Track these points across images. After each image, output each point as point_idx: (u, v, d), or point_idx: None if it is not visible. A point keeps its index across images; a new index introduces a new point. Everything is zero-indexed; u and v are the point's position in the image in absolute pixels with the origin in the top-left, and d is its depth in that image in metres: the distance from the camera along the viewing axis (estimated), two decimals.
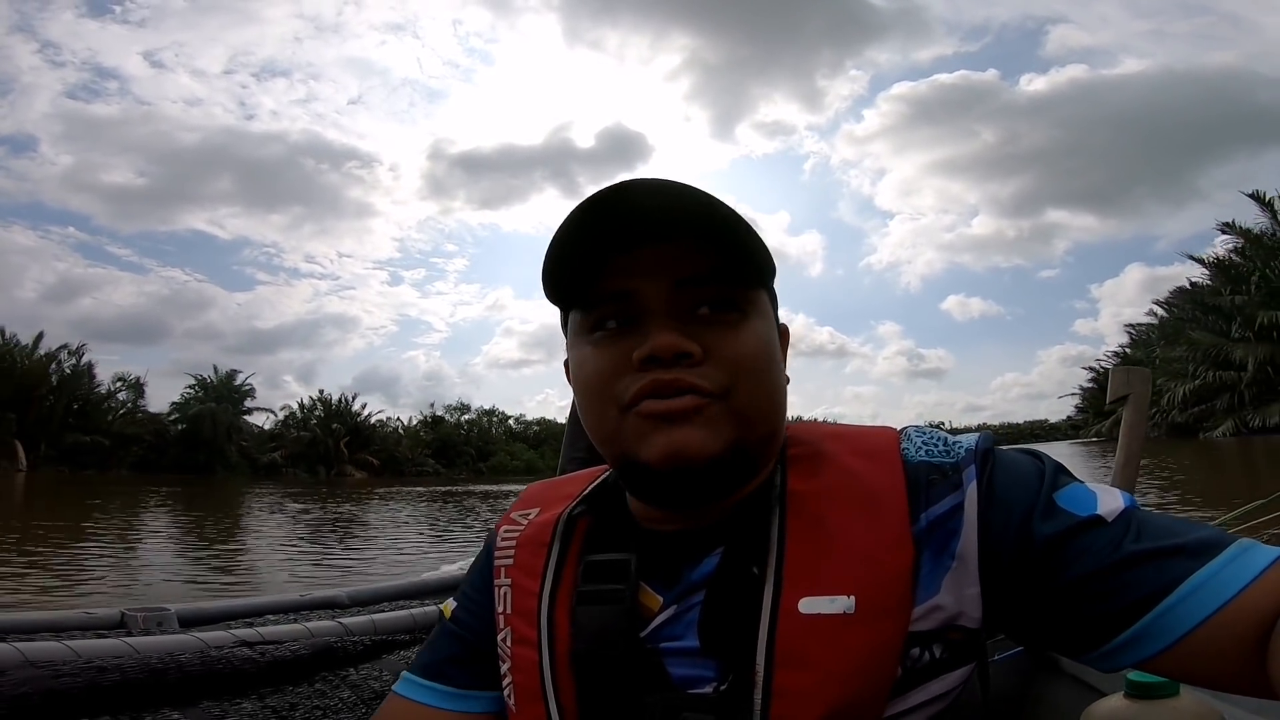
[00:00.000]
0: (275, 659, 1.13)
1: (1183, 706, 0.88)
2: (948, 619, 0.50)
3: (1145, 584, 0.45)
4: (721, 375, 0.51)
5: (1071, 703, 1.27)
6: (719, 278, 0.53)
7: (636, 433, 0.51)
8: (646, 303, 0.52)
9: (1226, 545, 0.45)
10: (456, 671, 0.63)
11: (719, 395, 0.51)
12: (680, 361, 0.50)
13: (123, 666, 1.01)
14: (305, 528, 13.19)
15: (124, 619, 1.48)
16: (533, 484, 0.70)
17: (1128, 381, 1.59)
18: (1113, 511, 0.48)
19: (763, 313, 0.55)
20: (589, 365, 0.54)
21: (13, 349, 33.51)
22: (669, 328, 0.51)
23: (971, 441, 0.53)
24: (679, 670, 0.52)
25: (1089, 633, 0.47)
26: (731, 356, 0.51)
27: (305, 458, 40.61)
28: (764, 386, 0.53)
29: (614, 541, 0.58)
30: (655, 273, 0.52)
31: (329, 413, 43.25)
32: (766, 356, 0.53)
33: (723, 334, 0.52)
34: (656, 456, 0.50)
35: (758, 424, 0.53)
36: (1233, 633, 0.43)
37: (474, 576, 0.67)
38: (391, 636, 1.39)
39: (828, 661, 0.48)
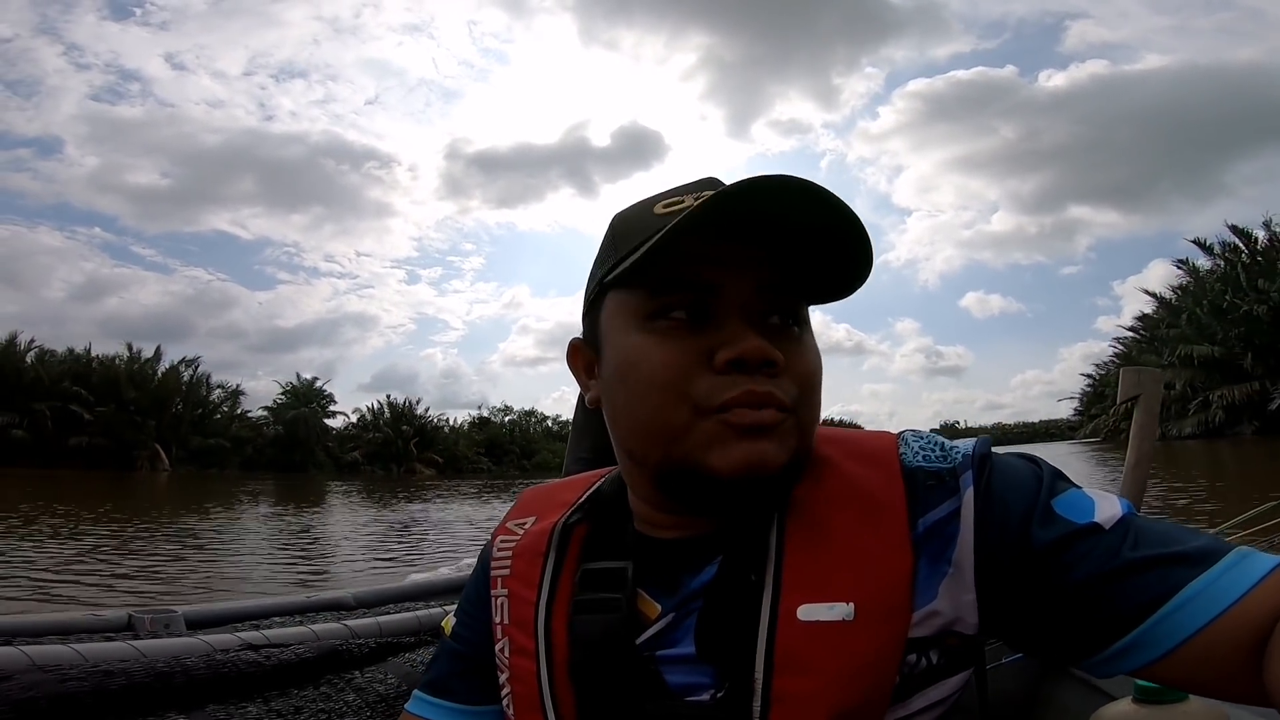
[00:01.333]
0: (280, 662, 1.13)
1: (1192, 712, 0.87)
2: (945, 625, 0.50)
3: (1143, 591, 0.45)
4: (794, 389, 0.51)
5: (1079, 706, 1.26)
6: (796, 289, 0.53)
7: (713, 438, 0.50)
8: (728, 300, 0.51)
9: (1225, 553, 0.45)
10: (461, 687, 0.64)
11: (790, 409, 0.51)
12: (763, 369, 0.50)
13: (129, 670, 1.01)
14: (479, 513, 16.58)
15: (131, 621, 1.49)
16: (527, 490, 0.70)
17: (1138, 382, 1.58)
18: (1110, 519, 0.48)
19: (809, 327, 0.56)
20: (655, 356, 0.51)
21: (141, 363, 38.01)
22: (753, 331, 0.50)
23: (969, 446, 0.53)
24: (676, 678, 0.52)
25: (1086, 640, 0.47)
26: (804, 371, 0.52)
27: (380, 456, 45.00)
28: (818, 401, 0.54)
29: (611, 549, 0.58)
30: (743, 270, 0.51)
31: (395, 415, 47.28)
32: (821, 370, 0.55)
33: (794, 346, 0.52)
34: (733, 466, 0.49)
35: (811, 437, 0.54)
36: (1230, 641, 0.43)
37: (470, 590, 0.67)
38: (397, 639, 1.39)
39: (827, 668, 0.48)
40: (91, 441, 34.71)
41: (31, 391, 35.00)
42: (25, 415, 34.15)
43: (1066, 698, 1.32)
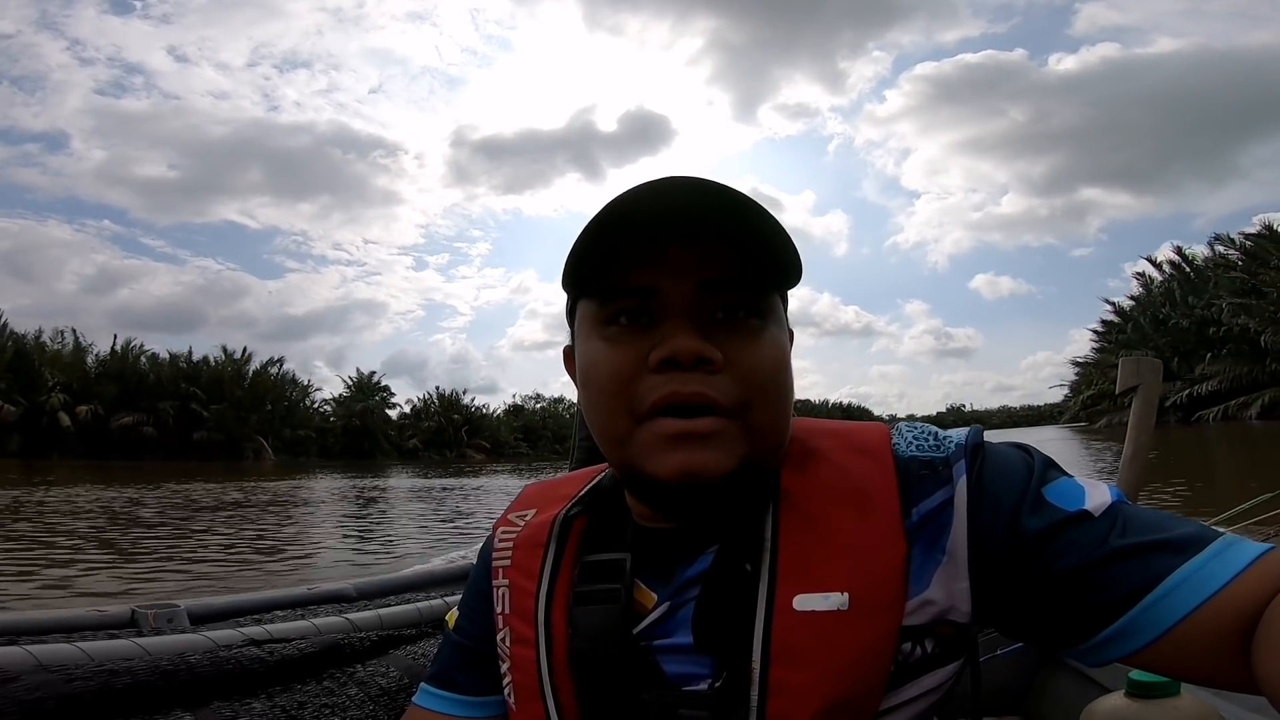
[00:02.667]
0: (283, 658, 1.14)
1: (1183, 706, 0.89)
2: (939, 614, 0.51)
3: (1130, 579, 0.45)
4: (738, 388, 0.51)
5: (1073, 695, 1.28)
6: (744, 283, 0.52)
7: (649, 446, 0.51)
8: (668, 301, 0.52)
9: (1211, 541, 0.46)
10: (465, 679, 0.66)
11: (735, 411, 0.50)
12: (699, 367, 0.50)
13: (134, 669, 1.02)
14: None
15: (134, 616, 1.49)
16: (530, 485, 0.71)
17: (1137, 372, 1.58)
18: (1100, 506, 0.49)
19: (779, 320, 0.55)
20: (601, 361, 0.53)
21: (236, 362, 42.08)
22: (689, 330, 0.51)
23: (961, 436, 0.54)
24: (673, 668, 0.53)
25: (1075, 627, 0.48)
26: (750, 369, 0.51)
27: (435, 443, 49.65)
28: (778, 400, 0.52)
29: (610, 541, 0.59)
30: (681, 271, 0.52)
31: (445, 405, 52.17)
32: (782, 367, 0.53)
33: (743, 342, 0.51)
34: (670, 474, 0.51)
35: (770, 439, 0.53)
36: (1216, 628, 0.43)
37: (472, 582, 0.69)
38: (398, 631, 1.40)
39: (823, 658, 0.49)
40: (209, 436, 38.90)
41: (152, 393, 39.04)
42: (152, 414, 38.15)
43: (1060, 688, 1.34)
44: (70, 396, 36.38)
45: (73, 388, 37.15)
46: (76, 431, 35.76)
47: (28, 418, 34.84)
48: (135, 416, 37.89)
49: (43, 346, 38.15)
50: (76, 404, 36.31)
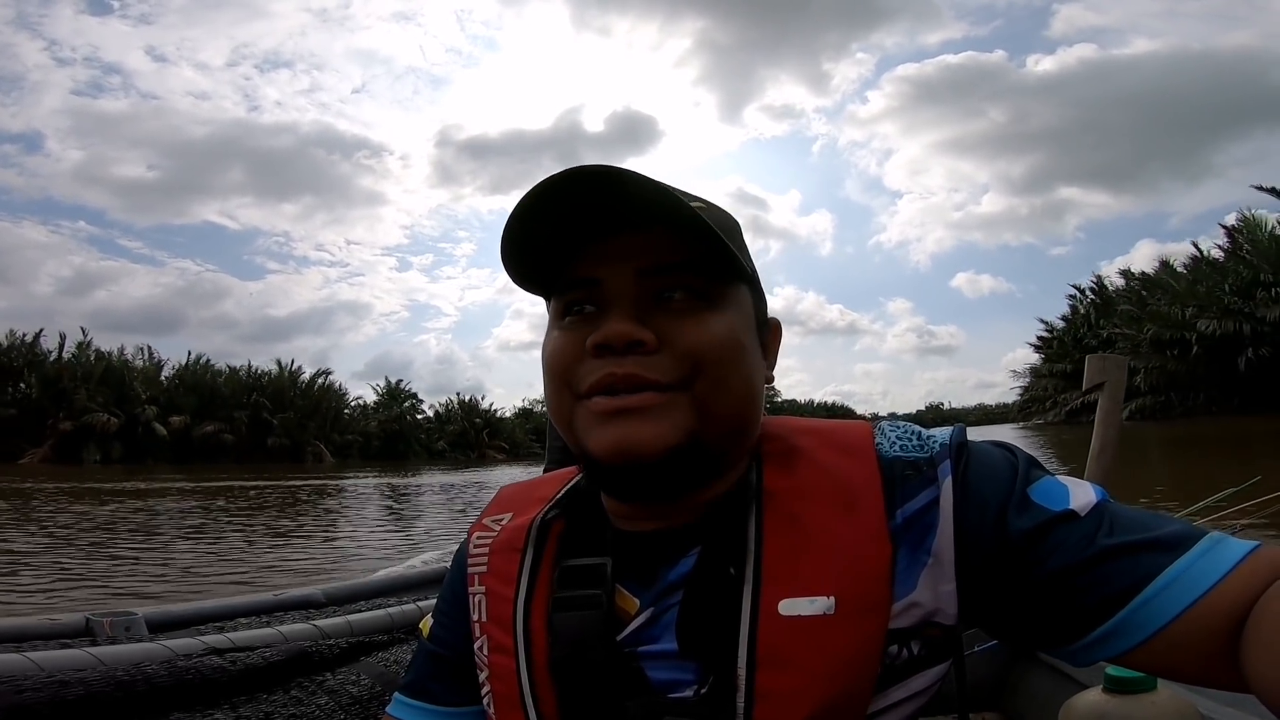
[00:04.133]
0: (247, 666, 1.10)
1: (1160, 701, 0.90)
2: (925, 616, 0.50)
3: (1119, 579, 0.45)
4: (678, 365, 0.50)
5: (1048, 691, 1.30)
6: (686, 268, 0.51)
7: (586, 424, 0.51)
8: (610, 290, 0.52)
9: (1198, 539, 0.45)
10: (440, 689, 0.63)
11: (678, 386, 0.50)
12: (634, 350, 0.50)
13: (87, 680, 0.97)
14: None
15: (89, 625, 1.43)
16: (505, 487, 0.69)
17: (1103, 369, 1.60)
18: (1085, 505, 0.48)
19: (736, 306, 0.54)
20: (552, 350, 0.54)
21: (293, 374, 47.93)
22: (625, 315, 0.51)
23: (945, 435, 0.53)
24: (658, 674, 0.51)
25: (1064, 628, 0.47)
26: (690, 345, 0.50)
27: (459, 445, 54.27)
28: (731, 378, 0.52)
29: (589, 545, 0.57)
30: (622, 260, 0.52)
31: (466, 410, 57.51)
32: (732, 346, 0.52)
33: (682, 322, 0.51)
34: (604, 450, 0.50)
35: (721, 417, 0.51)
36: (1206, 627, 0.43)
37: (447, 590, 0.66)
38: (369, 638, 1.36)
39: (810, 663, 0.48)
40: (278, 441, 43.76)
41: (227, 403, 43.77)
42: (228, 423, 42.77)
43: (1036, 684, 1.35)
44: (158, 408, 40.88)
45: (159, 400, 41.58)
46: (170, 440, 40.24)
47: (126, 428, 38.96)
48: (216, 425, 42.26)
49: (126, 362, 42.46)
50: (160, 415, 40.78)
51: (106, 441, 37.84)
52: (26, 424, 36.96)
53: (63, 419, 36.99)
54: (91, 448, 37.06)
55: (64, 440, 36.97)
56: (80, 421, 37.14)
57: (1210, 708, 0.93)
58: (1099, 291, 42.74)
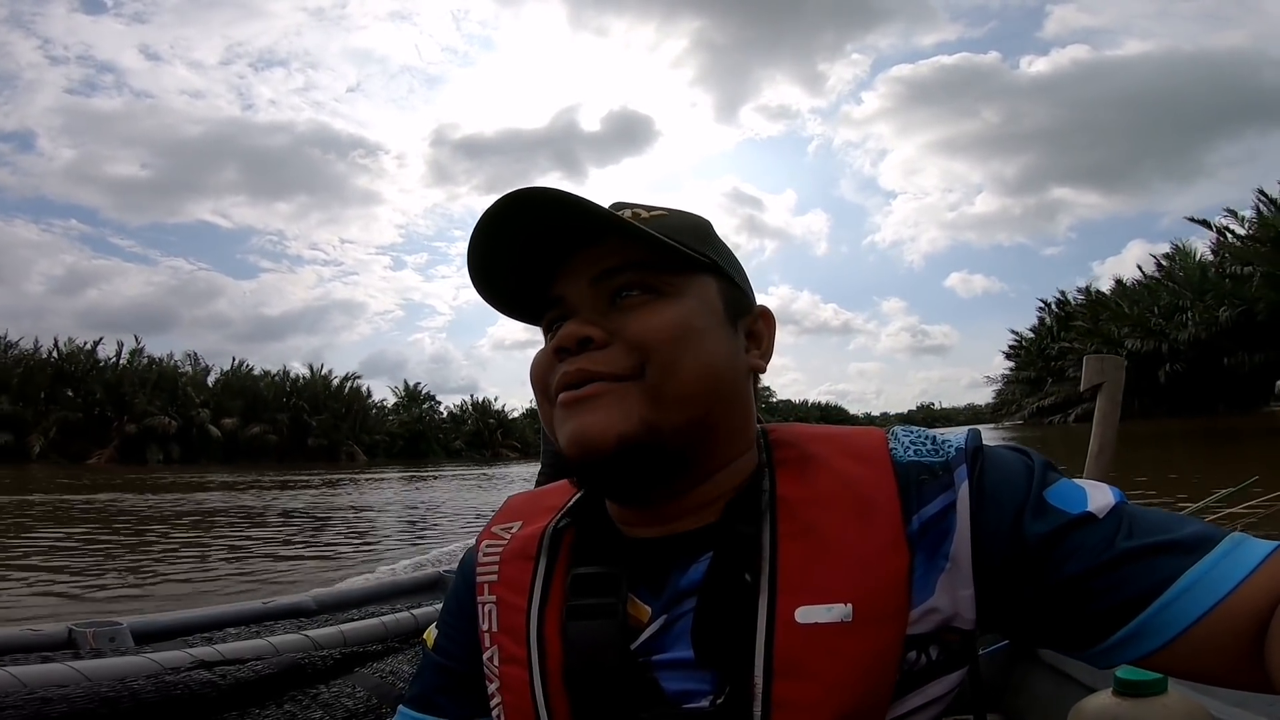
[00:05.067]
0: (238, 680, 1.06)
1: (1171, 704, 0.89)
2: (943, 621, 0.49)
3: (1140, 581, 0.45)
4: (627, 355, 0.51)
5: (1051, 694, 1.29)
6: (635, 266, 0.53)
7: (557, 423, 0.53)
8: (571, 303, 0.54)
9: (1219, 540, 0.45)
10: (446, 702, 0.62)
11: (628, 376, 0.51)
12: (585, 348, 0.52)
13: (70, 696, 0.94)
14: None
15: (72, 636, 1.39)
16: (513, 496, 0.68)
17: (1102, 369, 1.60)
18: (1104, 508, 0.48)
19: (696, 294, 0.55)
20: (533, 363, 0.56)
21: (325, 379, 51.19)
22: (575, 319, 0.53)
23: (960, 440, 0.53)
24: (672, 684, 0.50)
25: (1085, 631, 0.47)
26: (636, 334, 0.52)
27: (474, 444, 57.15)
28: (683, 363, 0.52)
29: (600, 553, 0.56)
30: (578, 274, 0.54)
31: (480, 411, 60.63)
32: (685, 332, 0.52)
33: (631, 314, 0.53)
34: (565, 443, 0.52)
35: (677, 401, 0.51)
36: (1229, 628, 0.43)
37: (452, 599, 0.65)
38: (363, 648, 1.33)
39: (828, 672, 0.47)
40: (317, 442, 46.66)
41: (269, 406, 46.98)
42: (271, 424, 45.90)
43: (1039, 686, 1.34)
44: (210, 411, 43.62)
45: (210, 404, 44.31)
46: (223, 441, 43.00)
47: (182, 430, 41.95)
48: (261, 427, 45.40)
49: (175, 368, 45.81)
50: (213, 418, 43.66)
51: (166, 443, 40.90)
52: (90, 427, 39.77)
53: (127, 422, 40.06)
54: (154, 449, 40.18)
55: (127, 442, 39.86)
56: (143, 424, 40.25)
57: (1221, 709, 0.93)
58: (1062, 306, 47.42)
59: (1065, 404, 39.95)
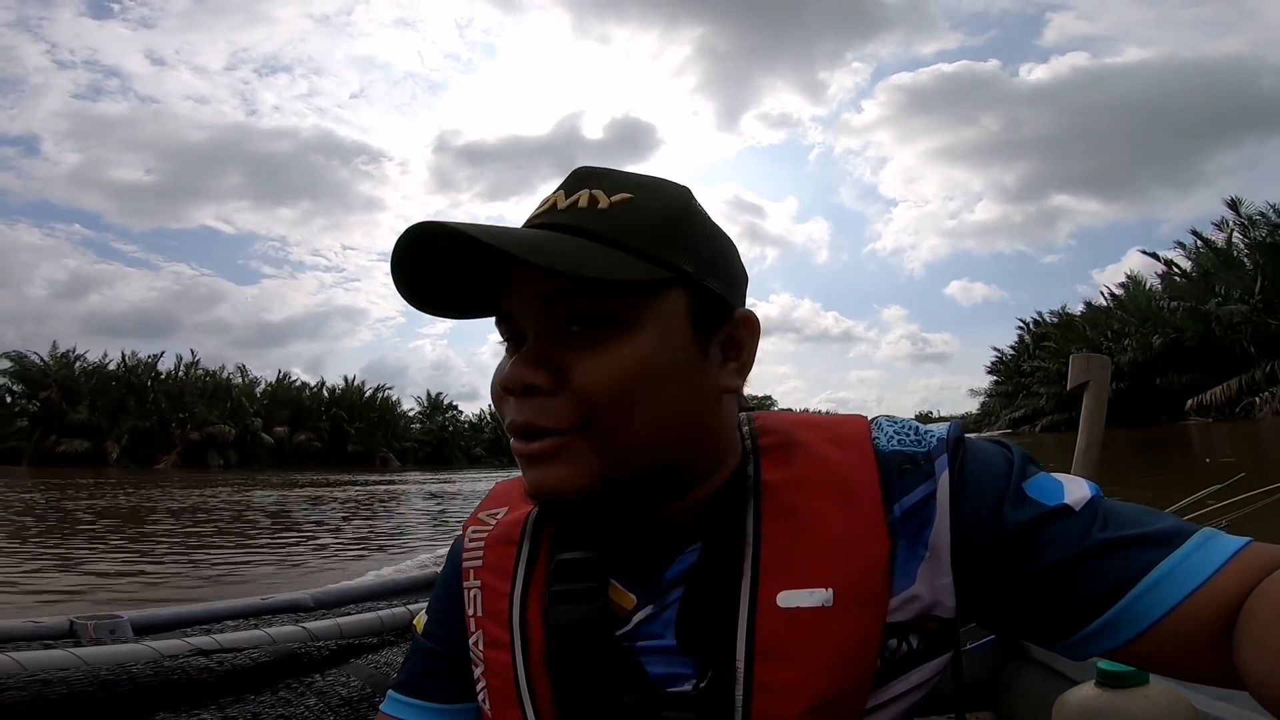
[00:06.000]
0: (234, 667, 1.08)
1: (1153, 695, 0.90)
2: (924, 609, 0.50)
3: (1113, 572, 0.45)
4: (574, 409, 0.48)
5: (1041, 690, 1.30)
6: (586, 290, 0.48)
7: (518, 462, 0.52)
8: (522, 324, 0.51)
9: (1191, 534, 0.46)
10: (435, 686, 0.62)
11: (576, 429, 0.48)
12: (531, 394, 0.49)
13: (69, 679, 0.95)
14: None
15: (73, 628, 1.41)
16: (501, 482, 0.69)
17: (1087, 368, 1.61)
18: (1080, 500, 0.48)
19: (656, 321, 0.49)
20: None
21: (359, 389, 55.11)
22: (526, 355, 0.49)
23: (942, 430, 0.53)
24: (657, 669, 0.51)
25: (1060, 621, 0.47)
26: (584, 386, 0.48)
27: (493, 450, 60.16)
28: (632, 417, 0.48)
29: (584, 539, 0.57)
30: (525, 291, 0.50)
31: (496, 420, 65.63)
32: (637, 381, 0.48)
33: (583, 358, 0.48)
34: (527, 489, 0.51)
35: (629, 454, 0.49)
36: (1199, 622, 0.43)
37: (441, 585, 0.65)
38: (359, 640, 1.34)
39: (809, 654, 0.47)
40: (355, 448, 51.22)
41: (312, 414, 51.57)
42: (315, 431, 50.44)
43: (1028, 681, 1.35)
44: (261, 420, 48.12)
45: (260, 413, 48.49)
46: (274, 447, 47.41)
47: (238, 437, 46.11)
48: (307, 434, 50.10)
49: (228, 380, 50.12)
50: (265, 426, 48.29)
51: (224, 449, 45.26)
52: (156, 434, 44.35)
53: (190, 429, 44.85)
54: (214, 454, 44.31)
55: (190, 448, 44.29)
56: (204, 432, 44.70)
57: (1203, 702, 0.93)
58: (1038, 325, 51.79)
59: (1033, 415, 47.78)
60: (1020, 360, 52.51)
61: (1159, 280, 38.83)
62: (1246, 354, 29.05)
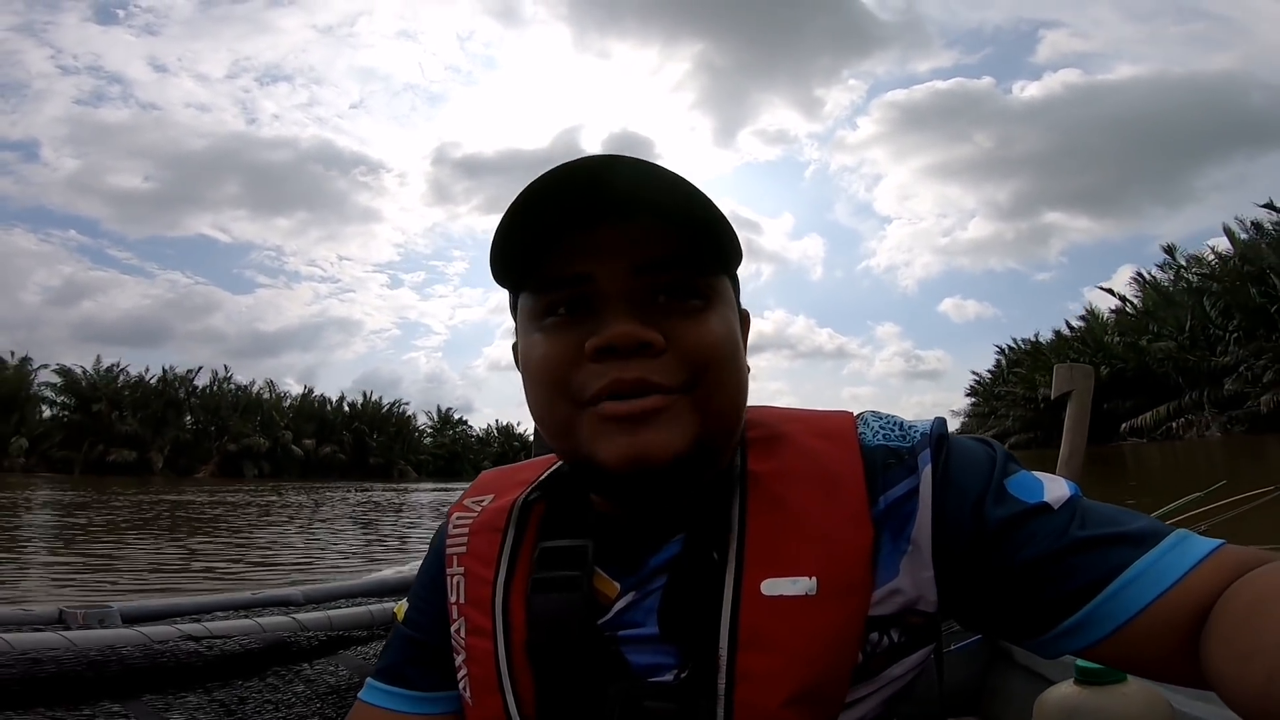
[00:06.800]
0: (224, 653, 1.08)
1: (1130, 692, 0.91)
2: (906, 603, 0.50)
3: (1089, 571, 0.46)
4: (684, 369, 0.49)
5: (1025, 692, 1.30)
6: (682, 263, 0.50)
7: (595, 432, 0.49)
8: (604, 287, 0.50)
9: (1165, 535, 0.46)
10: (415, 674, 0.62)
11: (682, 389, 0.49)
12: (640, 353, 0.48)
13: (59, 659, 0.96)
14: None
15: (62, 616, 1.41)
16: (486, 471, 0.68)
17: (1071, 378, 1.63)
18: (1059, 499, 0.49)
19: (726, 300, 0.53)
20: (539, 353, 0.51)
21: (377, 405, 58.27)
22: (627, 315, 0.49)
23: (926, 426, 0.54)
24: (639, 658, 0.51)
25: (1034, 618, 0.48)
26: (694, 347, 0.49)
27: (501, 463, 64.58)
28: (729, 378, 0.51)
29: (570, 528, 0.57)
30: (615, 255, 0.50)
31: (505, 435, 66.36)
32: (731, 346, 0.52)
33: (685, 323, 0.50)
34: (617, 460, 0.49)
35: (722, 417, 0.51)
36: (1170, 622, 0.44)
37: (424, 572, 0.65)
38: (348, 632, 1.34)
39: (791, 643, 0.48)
40: (376, 460, 54.27)
41: (337, 428, 54.76)
42: (339, 444, 53.63)
43: (1012, 684, 1.36)
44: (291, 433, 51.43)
45: (290, 426, 51.77)
46: (303, 458, 50.36)
47: (270, 449, 49.48)
48: (332, 447, 53.41)
49: (258, 394, 53.29)
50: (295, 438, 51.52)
51: (258, 460, 48.40)
52: (192, 445, 47.45)
53: (227, 441, 47.95)
54: (249, 465, 47.36)
55: (227, 458, 47.24)
56: (241, 444, 47.92)
57: (1180, 700, 0.94)
58: (1014, 351, 54.36)
59: (1001, 436, 51.16)
60: (995, 384, 55.15)
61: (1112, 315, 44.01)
62: (1176, 383, 34.89)
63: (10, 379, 43.87)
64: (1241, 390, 31.11)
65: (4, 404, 42.89)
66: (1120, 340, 39.96)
